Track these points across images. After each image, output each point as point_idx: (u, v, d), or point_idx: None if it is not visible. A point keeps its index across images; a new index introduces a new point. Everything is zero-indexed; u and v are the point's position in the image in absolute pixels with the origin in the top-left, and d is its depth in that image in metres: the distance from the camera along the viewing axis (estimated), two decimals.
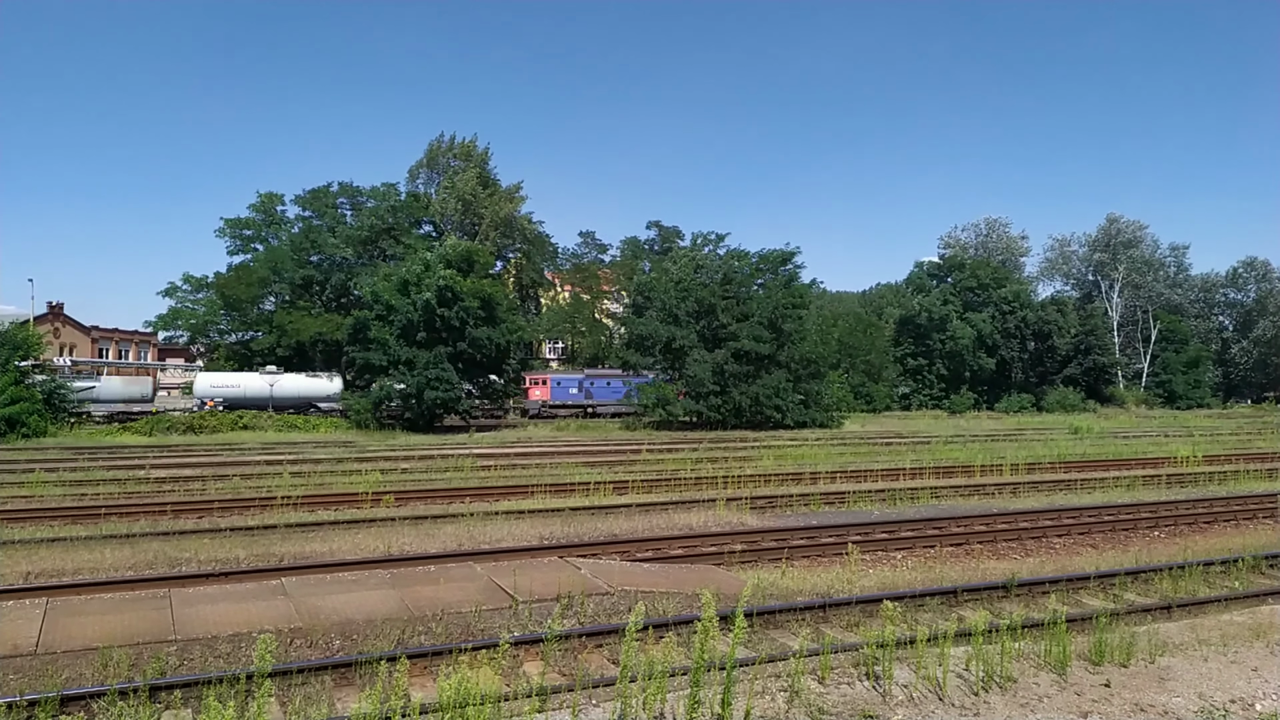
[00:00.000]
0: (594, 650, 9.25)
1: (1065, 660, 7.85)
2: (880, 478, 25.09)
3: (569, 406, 58.68)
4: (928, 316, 76.65)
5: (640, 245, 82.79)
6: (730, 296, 52.50)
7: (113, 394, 50.42)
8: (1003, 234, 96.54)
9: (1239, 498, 20.93)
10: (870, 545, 15.39)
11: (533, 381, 58.51)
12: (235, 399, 51.22)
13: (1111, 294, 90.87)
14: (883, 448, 36.64)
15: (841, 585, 12.07)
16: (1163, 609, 10.96)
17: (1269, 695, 7.65)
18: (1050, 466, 28.24)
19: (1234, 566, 13.16)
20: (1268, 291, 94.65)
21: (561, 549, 14.27)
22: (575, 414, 58.12)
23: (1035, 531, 16.97)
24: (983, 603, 11.32)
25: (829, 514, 19.07)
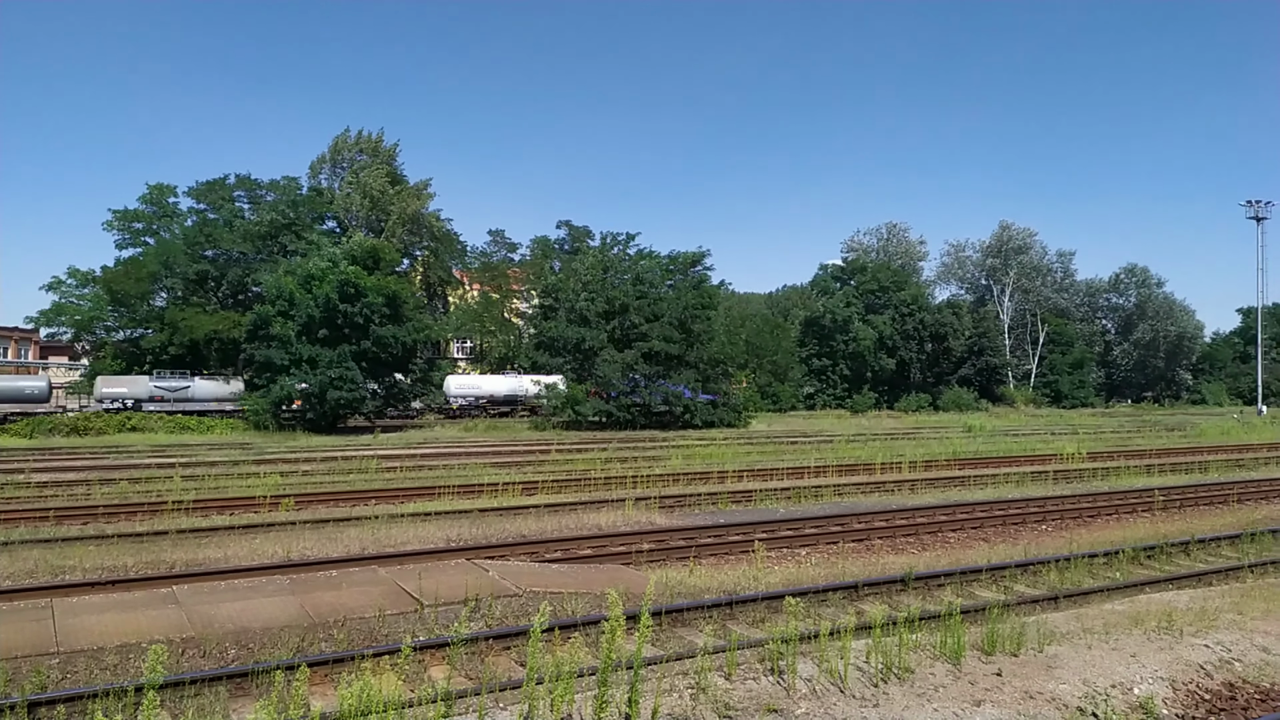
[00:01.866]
0: (501, 653, 9.17)
1: (960, 651, 8.14)
2: (786, 476, 25.57)
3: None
4: (831, 318, 78.56)
5: (550, 244, 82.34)
6: (641, 297, 52.78)
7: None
8: (903, 238, 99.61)
9: (1120, 493, 22.07)
10: (776, 542, 15.67)
11: None
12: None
13: (1003, 298, 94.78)
14: (788, 447, 37.36)
15: (748, 582, 12.25)
16: (1050, 600, 11.47)
17: (1146, 680, 8.10)
18: (946, 464, 29.25)
19: (1115, 558, 13.87)
20: (1147, 297, 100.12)
21: (469, 551, 14.09)
22: None
23: (932, 527, 17.56)
24: (882, 596, 11.65)
25: (736, 512, 19.34)
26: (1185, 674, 8.34)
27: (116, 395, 51.04)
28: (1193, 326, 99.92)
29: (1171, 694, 7.98)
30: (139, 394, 51.66)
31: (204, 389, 53.44)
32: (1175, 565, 14.00)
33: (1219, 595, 11.09)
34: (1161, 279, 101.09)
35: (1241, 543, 15.30)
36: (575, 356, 52.24)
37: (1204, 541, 15.29)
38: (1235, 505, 20.89)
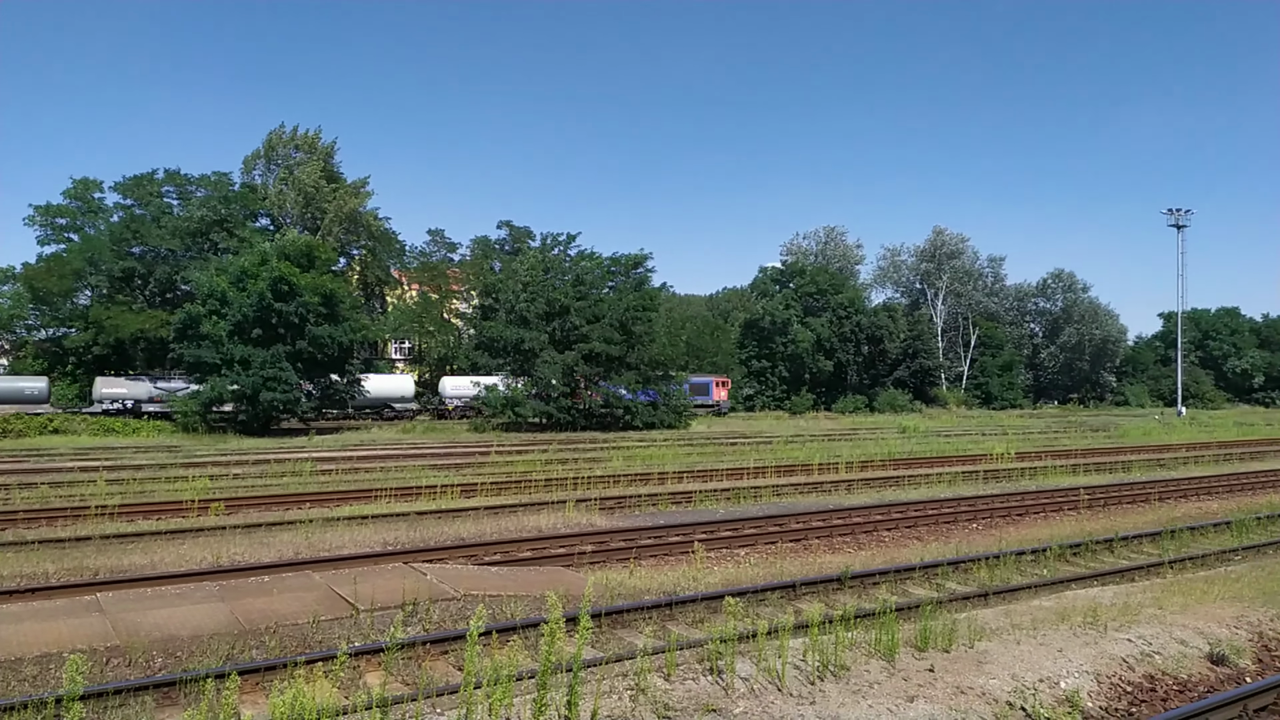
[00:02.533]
0: (439, 657, 9.07)
1: (894, 648, 8.29)
2: (725, 477, 25.76)
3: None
4: (771, 320, 79.42)
5: (490, 245, 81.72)
6: (582, 299, 52.68)
7: None
8: (840, 242, 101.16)
9: (1047, 491, 22.72)
10: (715, 543, 15.77)
11: None
12: None
13: (937, 301, 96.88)
14: (728, 448, 37.65)
15: (687, 583, 12.31)
16: (981, 596, 11.75)
17: (1072, 674, 8.35)
18: (881, 464, 29.77)
19: (1043, 555, 14.28)
20: (1073, 301, 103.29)
21: (406, 554, 13.90)
22: None
23: (867, 526, 17.86)
24: (819, 595, 11.81)
25: (676, 513, 19.42)
26: (1109, 667, 8.62)
27: (116, 397, 50.72)
28: (1116, 330, 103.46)
29: (1096, 687, 8.24)
30: (139, 395, 51.29)
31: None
32: (1100, 562, 14.46)
33: (1141, 590, 11.48)
34: (1087, 284, 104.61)
35: (1162, 540, 15.87)
36: (515, 357, 51.92)
37: (1127, 539, 15.83)
38: (1156, 504, 21.66)
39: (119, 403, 50.07)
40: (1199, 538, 16.43)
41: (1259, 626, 10.23)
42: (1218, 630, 9.84)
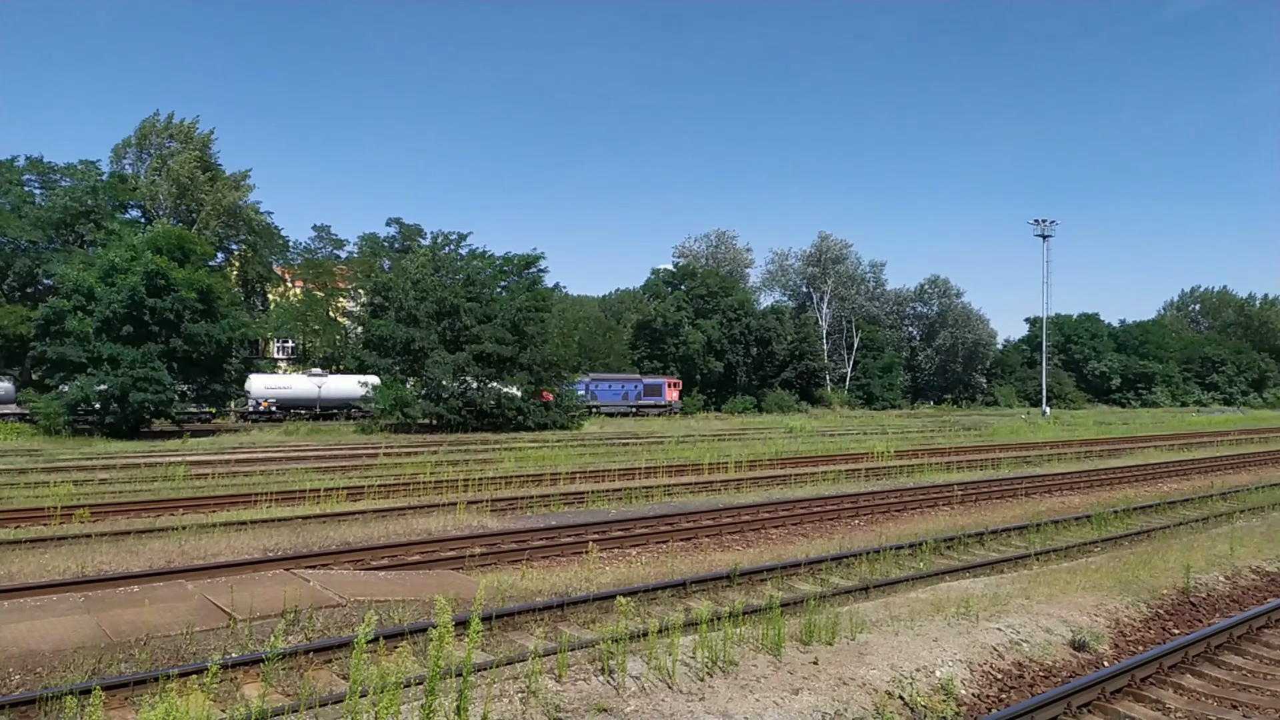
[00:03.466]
0: (322, 667, 8.80)
1: (780, 642, 8.51)
2: (618, 477, 25.87)
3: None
4: (663, 322, 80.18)
5: (379, 242, 79.75)
6: (473, 298, 51.99)
7: None
8: (730, 246, 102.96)
9: (924, 488, 23.69)
10: (608, 543, 15.82)
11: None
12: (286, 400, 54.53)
13: (822, 305, 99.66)
14: (620, 448, 37.81)
15: (580, 583, 12.32)
16: (862, 590, 12.16)
17: (947, 662, 8.74)
18: (769, 464, 30.45)
19: (919, 549, 14.87)
20: (948, 306, 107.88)
21: (288, 560, 13.44)
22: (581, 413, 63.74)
23: (755, 524, 18.23)
24: (709, 593, 12.00)
25: (569, 514, 19.40)
26: (981, 656, 9.06)
27: None
28: (987, 334, 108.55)
29: (969, 675, 8.65)
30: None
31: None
32: (972, 555, 15.16)
33: (1009, 581, 12.10)
34: (960, 290, 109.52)
35: (1028, 533, 16.77)
36: (405, 357, 50.83)
37: (996, 532, 16.66)
38: (1023, 499, 22.85)
39: None
40: (1062, 531, 17.42)
41: (1116, 614, 10.93)
42: (1079, 618, 10.47)
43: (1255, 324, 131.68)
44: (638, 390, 69.70)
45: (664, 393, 71.13)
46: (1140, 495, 22.94)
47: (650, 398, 69.46)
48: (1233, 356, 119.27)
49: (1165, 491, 24.17)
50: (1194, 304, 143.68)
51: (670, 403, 71.67)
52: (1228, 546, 14.71)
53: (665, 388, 71.54)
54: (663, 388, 71.38)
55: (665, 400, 70.97)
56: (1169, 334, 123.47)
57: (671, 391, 72.30)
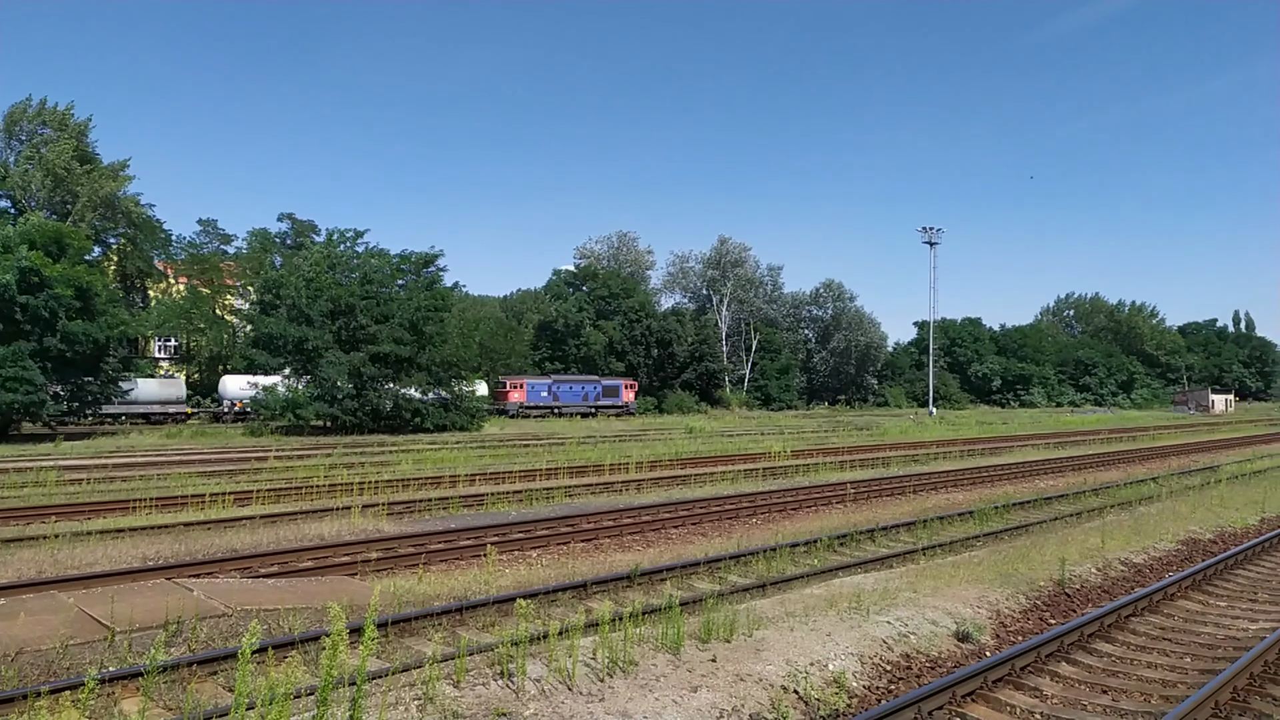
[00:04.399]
0: (207, 679, 8.44)
1: (680, 641, 8.60)
2: (518, 479, 25.67)
3: (540, 407, 68.80)
4: (564, 323, 79.99)
5: (270, 238, 76.94)
6: (369, 297, 50.77)
7: None
8: (632, 247, 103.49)
9: (819, 487, 24.29)
10: (508, 545, 15.69)
11: (512, 386, 68.20)
12: None
13: (721, 307, 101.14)
14: (521, 449, 37.53)
15: (479, 587, 12.17)
16: (759, 587, 12.39)
17: (839, 656, 8.99)
18: (669, 464, 30.72)
19: (814, 546, 15.25)
20: (841, 310, 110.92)
21: (170, 569, 12.85)
22: (545, 414, 68.65)
23: (656, 524, 18.37)
24: (610, 594, 12.02)
25: (468, 516, 19.14)
26: (871, 649, 9.36)
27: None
28: (878, 337, 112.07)
29: (860, 668, 8.92)
30: None
31: (149, 390, 51.43)
32: (863, 551, 15.63)
33: (899, 576, 12.53)
34: (854, 294, 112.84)
35: (916, 529, 17.39)
36: (297, 357, 49.23)
37: (887, 529, 17.21)
38: (911, 496, 23.69)
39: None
40: (947, 526, 18.13)
41: (997, 605, 11.45)
42: (963, 610, 10.92)
43: (1124, 329, 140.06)
44: (597, 391, 73.35)
45: (621, 394, 75.32)
46: (1019, 492, 24.07)
47: (609, 398, 73.76)
48: (1104, 360, 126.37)
49: (1042, 488, 25.40)
50: (1069, 310, 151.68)
51: (627, 403, 75.21)
52: (1099, 540, 15.58)
53: (623, 389, 75.34)
54: (620, 389, 75.20)
55: (623, 401, 74.80)
56: (1045, 338, 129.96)
57: (628, 393, 76.07)
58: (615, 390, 74.91)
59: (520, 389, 68.95)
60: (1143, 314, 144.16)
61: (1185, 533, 17.42)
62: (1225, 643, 10.16)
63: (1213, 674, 8.79)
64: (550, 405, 69.81)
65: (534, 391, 69.68)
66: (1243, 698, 8.18)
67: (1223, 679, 8.13)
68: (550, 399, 69.76)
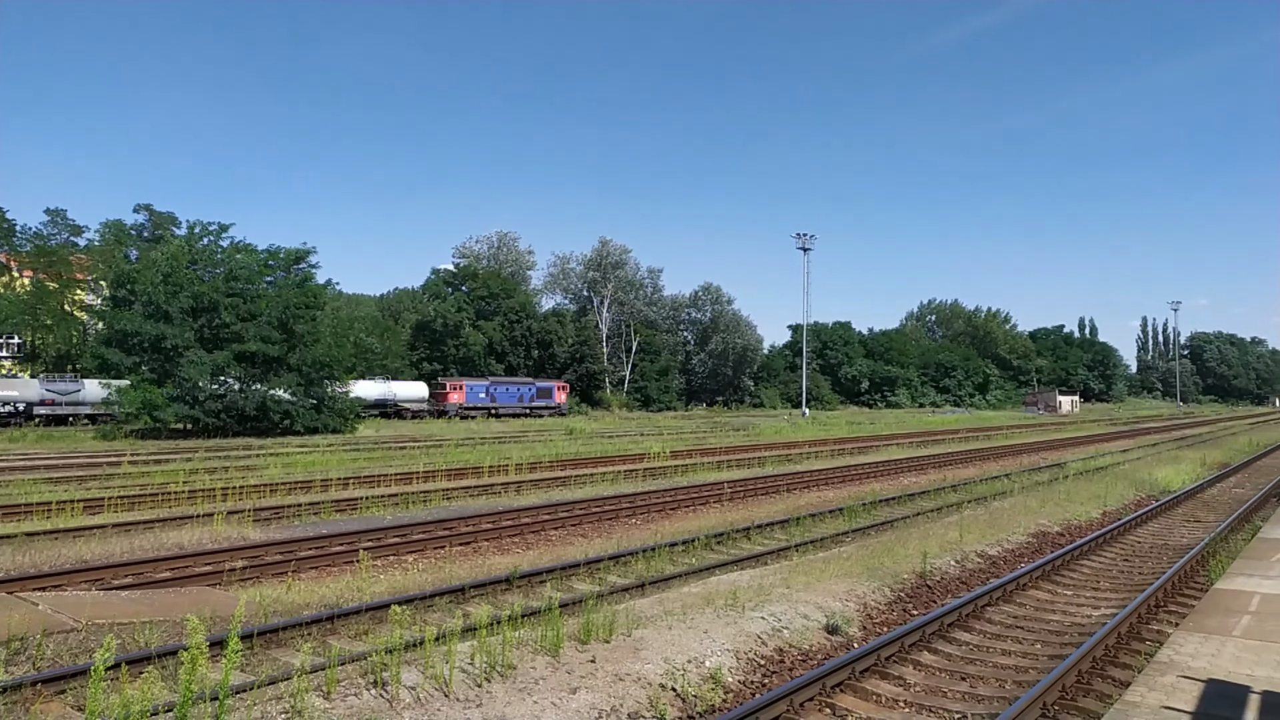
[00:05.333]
0: (54, 699, 7.91)
1: (559, 643, 8.59)
2: (394, 482, 25.06)
3: (479, 408, 71.30)
4: (443, 322, 78.58)
5: (125, 230, 72.49)
6: (235, 294, 48.52)
7: None
8: (513, 248, 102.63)
9: (697, 486, 24.68)
10: (382, 550, 15.30)
11: (452, 387, 70.68)
12: None
13: (602, 309, 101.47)
14: (397, 452, 36.66)
15: (352, 594, 11.83)
16: (639, 587, 12.50)
17: (716, 652, 9.17)
18: (549, 465, 30.60)
19: (692, 545, 15.50)
20: (720, 312, 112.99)
21: (11, 583, 11.95)
22: (483, 414, 71.06)
23: (535, 526, 18.27)
24: (488, 597, 11.90)
25: (340, 522, 18.56)
26: (746, 644, 9.58)
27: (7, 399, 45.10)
28: (755, 340, 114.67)
29: (735, 663, 9.12)
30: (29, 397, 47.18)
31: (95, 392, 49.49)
32: (740, 548, 15.98)
33: (773, 572, 12.88)
34: (731, 297, 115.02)
35: (790, 526, 17.90)
36: (155, 356, 46.56)
37: (761, 527, 17.66)
38: (785, 494, 24.36)
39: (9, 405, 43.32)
40: (819, 523, 18.74)
41: (864, 598, 11.91)
42: (833, 604, 11.31)
43: (981, 334, 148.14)
44: (532, 393, 76.89)
45: (554, 395, 79.16)
46: (885, 489, 25.10)
47: (543, 400, 77.59)
48: (962, 363, 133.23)
49: (906, 485, 26.57)
50: (931, 315, 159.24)
51: (559, 404, 79.10)
52: (958, 534, 16.42)
53: (555, 390, 79.45)
54: (553, 391, 79.36)
55: (556, 402, 78.79)
56: (910, 342, 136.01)
57: (560, 394, 79.93)
58: (549, 392, 78.83)
59: (460, 390, 71.23)
60: (997, 319, 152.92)
61: (1035, 526, 18.56)
62: (1072, 629, 10.88)
63: (1060, 659, 9.41)
64: (488, 406, 72.51)
65: (473, 393, 71.99)
66: (1086, 680, 8.78)
67: (1069, 664, 8.71)
68: (488, 400, 72.67)
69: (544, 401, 77.71)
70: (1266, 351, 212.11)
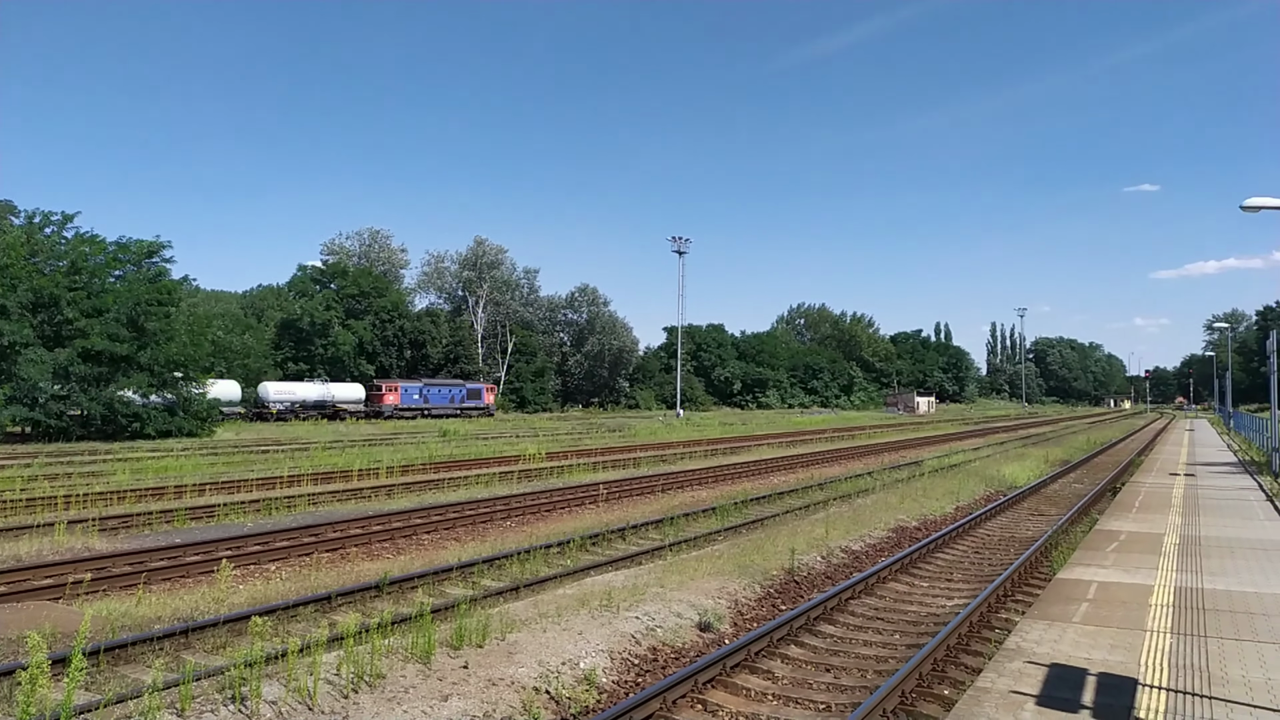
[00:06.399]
0: None
1: (430, 650, 8.43)
2: (255, 488, 24.02)
3: (413, 409, 73.94)
4: (310, 321, 75.83)
5: None
6: (79, 288, 45.38)
7: None
8: (385, 245, 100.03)
9: (572, 488, 24.68)
10: (243, 559, 14.65)
11: (388, 389, 73.37)
12: None
13: (478, 309, 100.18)
14: (259, 456, 35.14)
15: (209, 606, 11.28)
16: (513, 590, 12.41)
17: (590, 653, 9.19)
18: (422, 468, 29.98)
19: (568, 547, 15.49)
20: (596, 314, 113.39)
21: None
22: (415, 414, 73.67)
23: (407, 530, 17.87)
24: (356, 605, 11.57)
25: (197, 530, 17.65)
26: (621, 644, 9.65)
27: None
28: (631, 341, 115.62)
29: (610, 663, 9.18)
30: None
31: None
32: (615, 549, 16.08)
33: (647, 572, 13.01)
34: (608, 299, 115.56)
35: (664, 526, 18.14)
36: None
37: (636, 527, 17.82)
38: (660, 494, 24.66)
39: None
40: (692, 522, 19.06)
41: (735, 595, 12.19)
42: (705, 601, 11.53)
43: (846, 337, 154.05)
44: (462, 394, 79.87)
45: (484, 396, 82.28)
46: (756, 488, 25.76)
47: (472, 400, 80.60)
48: (829, 365, 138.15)
49: (776, 484, 27.34)
50: (800, 318, 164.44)
51: (488, 405, 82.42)
52: (824, 530, 17.01)
53: (484, 392, 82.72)
54: (482, 392, 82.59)
55: (484, 403, 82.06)
56: (780, 344, 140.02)
57: (489, 395, 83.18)
58: (479, 393, 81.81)
59: (395, 392, 73.86)
60: (862, 324, 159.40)
61: (895, 521, 19.43)
62: (928, 619, 11.45)
63: (918, 648, 9.89)
64: (421, 407, 75.11)
65: (407, 395, 74.65)
66: (941, 668, 9.25)
67: (924, 653, 9.16)
68: (422, 401, 75.34)
69: (474, 402, 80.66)
70: (1103, 356, 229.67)
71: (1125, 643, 8.04)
